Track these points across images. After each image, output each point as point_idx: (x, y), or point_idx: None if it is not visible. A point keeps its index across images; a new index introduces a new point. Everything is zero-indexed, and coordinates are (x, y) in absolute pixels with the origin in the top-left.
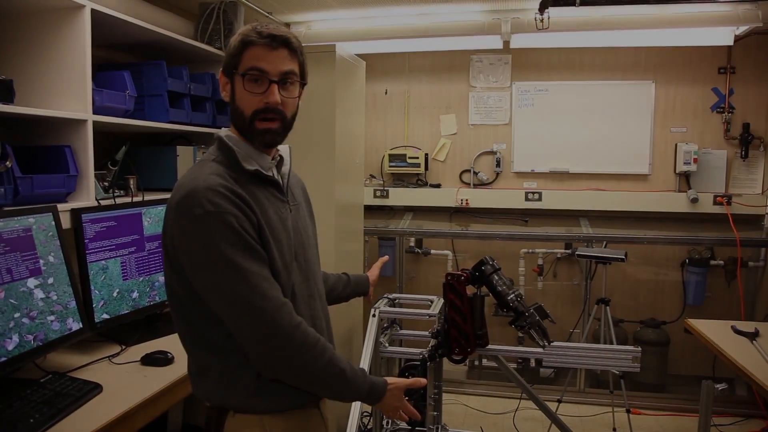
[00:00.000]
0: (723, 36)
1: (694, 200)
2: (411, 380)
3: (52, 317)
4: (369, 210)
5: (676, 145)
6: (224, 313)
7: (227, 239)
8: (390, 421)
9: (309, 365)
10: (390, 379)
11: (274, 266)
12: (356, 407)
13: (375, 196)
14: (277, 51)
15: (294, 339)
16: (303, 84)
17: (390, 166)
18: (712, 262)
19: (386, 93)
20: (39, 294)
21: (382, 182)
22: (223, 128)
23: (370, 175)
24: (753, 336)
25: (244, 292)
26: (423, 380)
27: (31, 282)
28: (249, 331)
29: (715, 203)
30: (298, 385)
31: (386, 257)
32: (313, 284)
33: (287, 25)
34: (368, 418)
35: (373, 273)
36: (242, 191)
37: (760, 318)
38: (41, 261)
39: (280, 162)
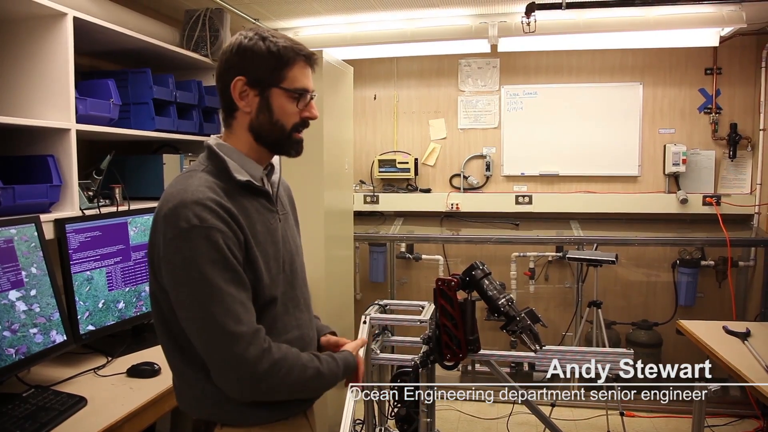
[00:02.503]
0: (708, 37)
1: (684, 201)
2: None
3: (34, 330)
4: (359, 216)
5: (664, 146)
6: (195, 334)
7: (210, 257)
8: (383, 428)
9: (283, 383)
10: (349, 347)
11: (260, 282)
12: (348, 414)
13: (365, 202)
14: (310, 69)
15: (262, 365)
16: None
17: (380, 172)
18: (703, 263)
19: (375, 98)
20: (21, 306)
21: (372, 188)
22: (212, 136)
23: (360, 180)
24: (744, 336)
25: (219, 315)
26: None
27: (13, 294)
28: (218, 356)
29: (705, 204)
30: (280, 399)
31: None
32: (300, 294)
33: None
34: (361, 425)
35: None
36: (231, 205)
37: (751, 317)
38: (23, 273)
39: (271, 170)
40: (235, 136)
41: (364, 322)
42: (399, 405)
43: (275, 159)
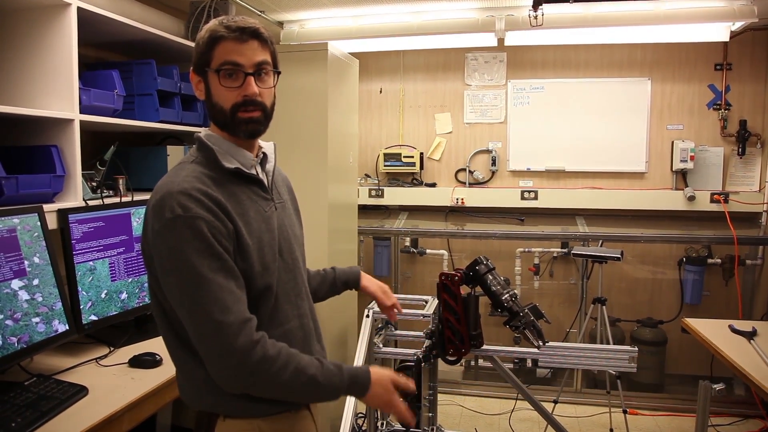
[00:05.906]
0: (719, 32)
1: (691, 198)
2: (401, 378)
3: (37, 319)
4: (364, 210)
5: (672, 142)
6: (185, 323)
7: (194, 246)
8: (384, 422)
9: (273, 380)
10: (374, 368)
11: (253, 270)
12: (349, 408)
13: (370, 196)
14: (248, 43)
15: (253, 355)
16: (277, 72)
17: (385, 166)
18: (710, 261)
19: (381, 92)
20: (24, 295)
21: (377, 182)
22: (203, 128)
23: (365, 174)
24: (751, 335)
25: (206, 304)
26: (412, 386)
27: (16, 283)
28: (207, 345)
29: (712, 201)
30: (270, 398)
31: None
32: (300, 283)
33: (280, 24)
34: (363, 419)
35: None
36: (219, 194)
37: (757, 317)
38: (26, 262)
39: (264, 159)
40: (213, 126)
41: (367, 316)
42: (401, 399)
43: (269, 148)
